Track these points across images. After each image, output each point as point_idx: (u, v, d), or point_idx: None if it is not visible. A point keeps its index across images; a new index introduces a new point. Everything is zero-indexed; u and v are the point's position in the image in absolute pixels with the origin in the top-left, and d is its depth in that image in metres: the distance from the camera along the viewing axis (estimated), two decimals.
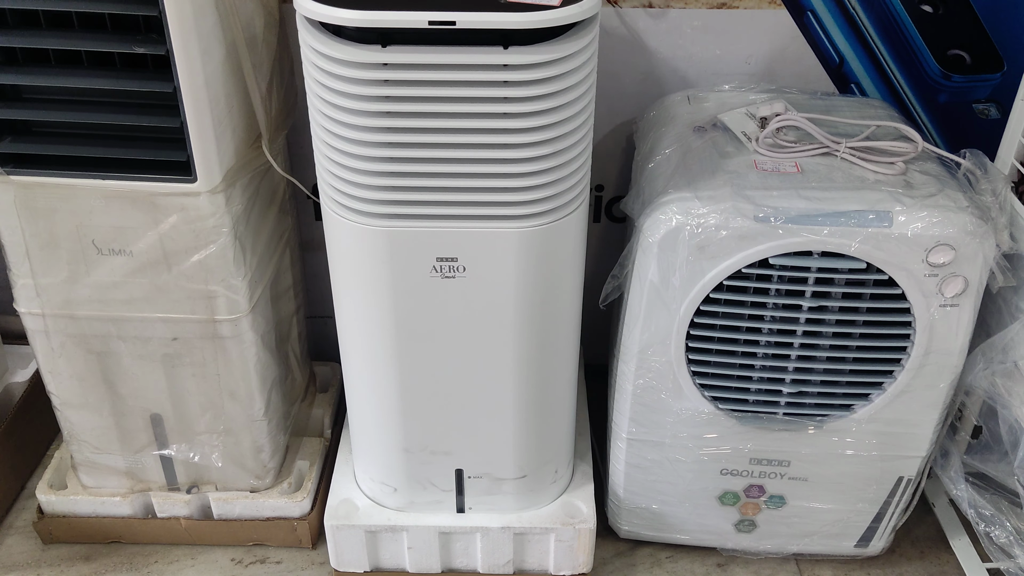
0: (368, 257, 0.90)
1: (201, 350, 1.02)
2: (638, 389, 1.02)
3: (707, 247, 0.90)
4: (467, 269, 0.89)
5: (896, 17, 1.10)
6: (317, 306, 1.32)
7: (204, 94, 0.86)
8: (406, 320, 0.93)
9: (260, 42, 0.96)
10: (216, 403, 1.06)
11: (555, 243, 0.90)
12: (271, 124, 0.99)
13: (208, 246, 0.94)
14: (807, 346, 0.95)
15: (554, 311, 0.96)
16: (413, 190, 0.84)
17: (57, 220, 0.92)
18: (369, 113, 0.80)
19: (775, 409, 1.00)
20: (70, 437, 1.09)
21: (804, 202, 0.89)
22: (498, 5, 0.77)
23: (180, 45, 0.82)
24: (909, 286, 0.90)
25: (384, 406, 1.01)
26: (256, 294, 1.02)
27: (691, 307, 0.94)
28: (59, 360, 1.02)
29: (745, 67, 1.15)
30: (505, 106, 0.80)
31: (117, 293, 0.97)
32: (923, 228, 0.87)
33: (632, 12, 1.12)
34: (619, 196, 1.28)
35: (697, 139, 1.01)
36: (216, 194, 0.92)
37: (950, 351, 0.94)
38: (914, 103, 1.15)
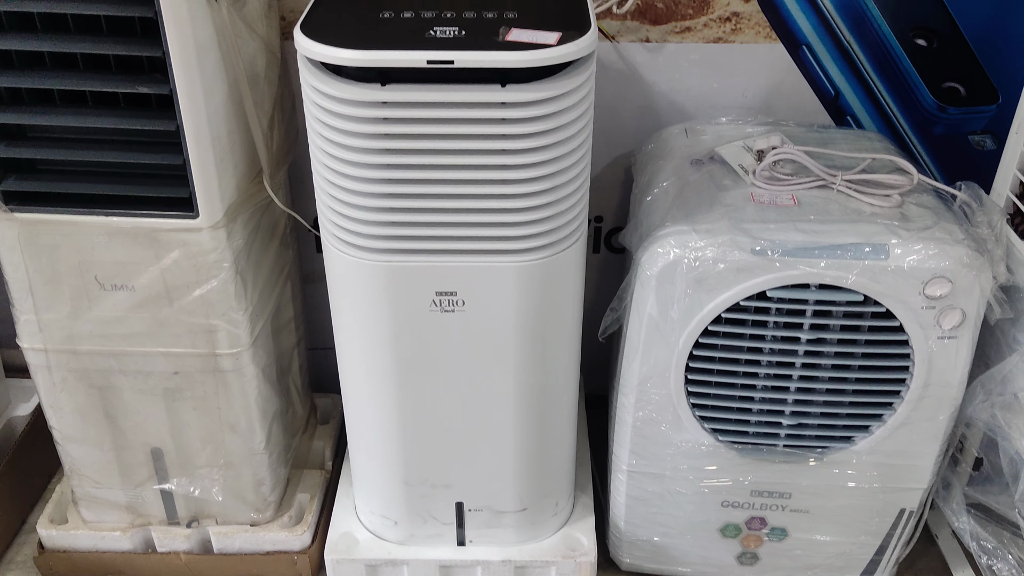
0: (368, 291, 0.90)
1: (202, 384, 1.02)
2: (638, 421, 1.02)
3: (705, 280, 0.91)
4: (466, 303, 0.90)
5: (891, 51, 1.11)
6: (318, 338, 1.33)
7: (206, 131, 0.87)
8: (406, 353, 0.94)
9: (262, 80, 0.98)
10: (217, 437, 1.06)
11: (554, 276, 0.91)
12: (272, 159, 1.00)
13: (209, 281, 0.95)
14: (806, 378, 0.95)
15: (554, 344, 0.97)
16: (413, 225, 0.85)
17: (60, 256, 0.93)
18: (369, 150, 0.81)
19: (775, 441, 1.00)
20: (71, 471, 1.09)
21: (801, 235, 0.90)
22: (496, 44, 0.78)
23: (183, 84, 0.84)
24: (907, 318, 0.90)
25: (384, 439, 1.01)
26: (257, 328, 1.03)
27: (690, 339, 0.94)
28: (61, 395, 1.02)
29: (742, 100, 1.16)
30: (503, 143, 0.81)
31: (119, 328, 0.97)
32: (919, 261, 0.88)
33: (629, 47, 1.14)
34: (618, 227, 1.28)
35: (694, 172, 1.02)
36: (218, 229, 0.93)
37: (949, 383, 0.94)
38: (910, 135, 1.16)
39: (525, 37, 0.79)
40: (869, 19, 1.09)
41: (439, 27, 0.81)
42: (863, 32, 1.10)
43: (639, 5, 1.11)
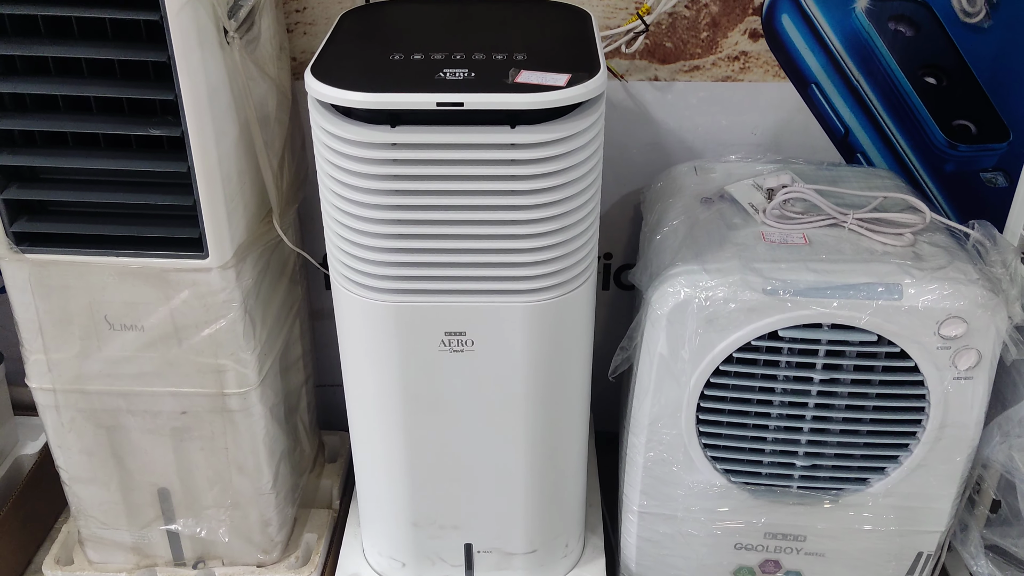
0: (377, 331, 0.90)
1: (210, 423, 1.02)
2: (649, 462, 1.01)
3: (716, 320, 0.90)
4: (475, 343, 0.89)
5: (900, 89, 1.11)
6: (327, 374, 1.32)
7: (217, 172, 0.88)
8: (415, 393, 0.93)
9: (273, 120, 0.98)
10: (224, 477, 1.05)
11: (563, 317, 0.91)
12: (282, 199, 1.01)
13: (218, 320, 0.95)
14: (820, 418, 0.94)
15: (563, 384, 0.96)
16: (422, 265, 0.85)
17: (70, 297, 0.93)
18: (379, 191, 0.81)
19: (789, 482, 0.99)
20: (77, 512, 1.08)
21: (813, 275, 0.89)
22: (505, 86, 0.79)
23: (195, 127, 0.84)
24: (922, 359, 0.89)
25: (393, 479, 1.01)
26: (265, 367, 1.02)
27: (701, 379, 0.93)
28: (69, 435, 1.02)
29: (751, 138, 1.16)
30: (512, 183, 0.81)
31: (128, 368, 0.97)
32: (934, 301, 0.87)
33: (638, 85, 1.14)
34: (628, 264, 1.28)
35: (704, 210, 1.02)
36: (227, 269, 0.93)
37: (966, 424, 0.93)
38: (921, 172, 1.16)
39: (534, 79, 0.79)
40: (878, 58, 1.10)
41: (449, 69, 0.81)
42: (872, 71, 1.11)
43: (648, 45, 1.11)
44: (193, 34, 0.81)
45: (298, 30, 1.11)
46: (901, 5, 1.07)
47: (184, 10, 0.79)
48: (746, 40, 1.11)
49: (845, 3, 1.07)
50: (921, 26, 1.08)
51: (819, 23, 1.09)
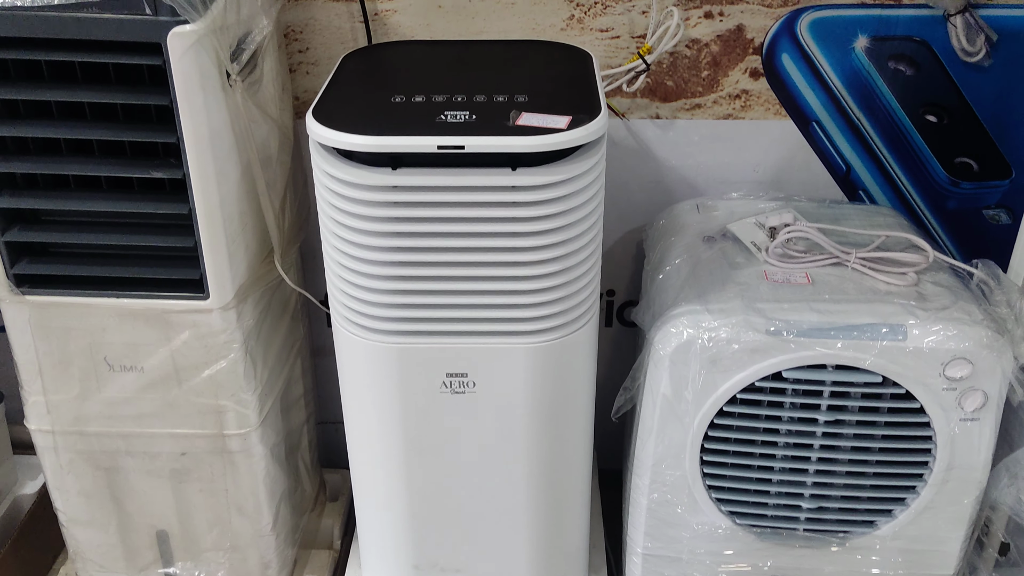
0: (379, 373, 0.89)
1: (209, 465, 1.01)
2: (653, 503, 0.99)
3: (719, 360, 0.89)
4: (477, 384, 0.89)
5: (901, 127, 1.11)
6: (328, 411, 1.31)
7: (218, 214, 0.88)
8: (416, 435, 0.92)
9: (275, 161, 0.99)
10: (223, 518, 1.04)
11: (566, 358, 0.90)
12: (284, 239, 1.01)
13: (219, 361, 0.95)
14: (825, 460, 0.93)
15: (566, 425, 0.95)
16: (424, 307, 0.85)
17: (71, 338, 0.93)
18: (380, 233, 0.81)
19: (795, 525, 0.97)
20: (75, 554, 1.07)
21: (816, 315, 0.89)
22: (506, 128, 0.79)
23: (197, 169, 0.84)
24: (927, 400, 0.88)
25: (394, 521, 0.99)
26: (266, 407, 1.02)
27: (705, 420, 0.93)
28: (67, 477, 1.01)
29: (753, 175, 1.16)
30: (514, 225, 0.81)
31: (127, 409, 0.97)
32: (938, 342, 0.86)
33: (640, 123, 1.14)
34: (630, 300, 1.28)
35: (707, 249, 1.01)
36: (228, 310, 0.92)
37: (973, 466, 0.91)
38: (924, 209, 1.16)
39: (535, 121, 0.80)
40: (878, 96, 1.10)
41: (450, 111, 0.81)
42: (873, 109, 1.11)
43: (649, 83, 1.12)
44: (196, 78, 0.81)
45: (300, 70, 1.12)
46: (901, 44, 1.07)
47: (187, 55, 0.79)
48: (747, 79, 1.11)
49: (845, 42, 1.08)
50: (921, 65, 1.08)
51: (819, 62, 1.09)
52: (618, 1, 1.07)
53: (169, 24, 0.78)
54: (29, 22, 0.78)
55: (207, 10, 0.81)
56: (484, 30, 1.09)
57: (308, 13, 1.09)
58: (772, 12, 1.07)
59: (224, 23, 0.84)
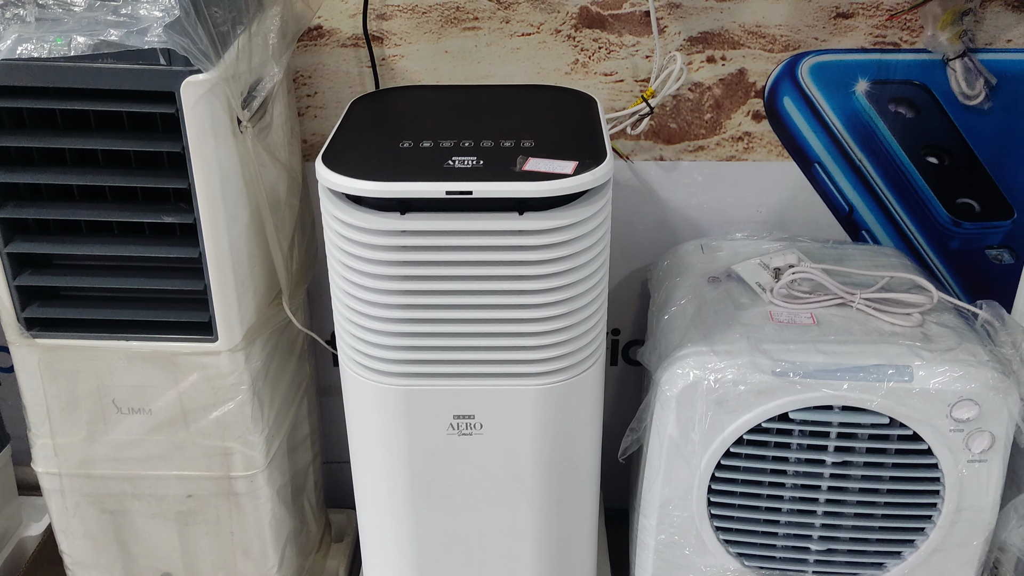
0: (386, 414, 0.89)
1: (215, 507, 1.01)
2: (660, 544, 0.99)
3: (725, 402, 0.90)
4: (484, 426, 0.89)
5: (902, 168, 1.12)
6: (334, 451, 1.31)
7: (228, 258, 0.89)
8: (423, 476, 0.92)
9: (283, 205, 1.00)
10: (228, 561, 1.04)
11: (572, 399, 0.90)
12: (292, 280, 1.01)
13: (227, 403, 0.95)
14: (833, 502, 0.93)
15: (573, 466, 0.95)
16: (431, 349, 0.85)
17: (79, 381, 0.93)
18: (388, 277, 0.82)
19: (804, 567, 0.97)
20: None
21: (822, 356, 0.89)
22: (513, 174, 0.80)
23: (207, 213, 0.85)
24: (935, 441, 0.88)
25: (400, 562, 0.99)
26: (273, 448, 1.02)
27: (712, 461, 0.92)
28: (73, 520, 1.01)
29: (757, 215, 1.17)
30: (520, 269, 0.82)
31: (134, 451, 0.97)
32: (945, 383, 0.86)
33: (643, 165, 1.16)
34: (636, 340, 1.28)
35: (712, 290, 1.02)
36: (236, 352, 0.93)
37: (982, 507, 0.91)
38: (927, 249, 1.17)
39: (542, 167, 0.81)
40: (879, 138, 1.11)
41: (457, 157, 0.82)
42: (874, 150, 1.12)
43: (653, 126, 1.13)
44: (208, 125, 0.82)
45: (309, 113, 1.14)
46: (901, 88, 1.09)
47: (200, 103, 0.81)
48: (749, 121, 1.12)
49: (845, 86, 1.09)
50: (921, 108, 1.10)
51: (820, 105, 1.11)
52: (622, 46, 1.09)
53: (183, 74, 0.79)
54: (46, 72, 0.79)
55: (220, 59, 0.82)
56: (489, 75, 1.11)
57: (317, 58, 1.11)
58: (773, 56, 1.09)
59: (236, 71, 0.85)
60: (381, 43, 1.10)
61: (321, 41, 1.10)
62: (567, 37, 1.09)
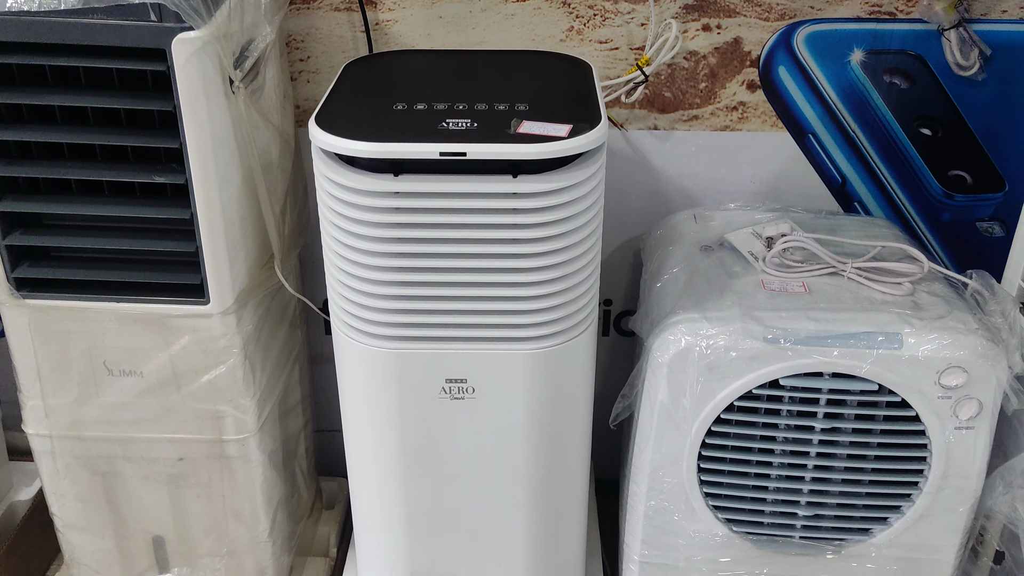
0: (378, 378, 0.90)
1: (207, 470, 1.01)
2: (650, 511, 1.00)
3: (717, 368, 0.90)
4: (476, 390, 0.89)
5: (896, 140, 1.13)
6: (325, 419, 1.31)
7: (220, 219, 0.88)
8: (414, 441, 0.92)
9: (276, 168, 0.99)
10: (220, 524, 1.04)
11: (565, 364, 0.90)
12: (284, 245, 1.01)
13: (218, 366, 0.95)
14: (821, 468, 0.93)
15: (564, 431, 0.95)
16: (423, 312, 0.85)
17: (70, 342, 0.93)
18: (381, 239, 0.82)
19: (791, 532, 0.98)
20: (71, 560, 1.07)
21: (813, 323, 0.89)
22: (508, 136, 0.79)
23: (199, 174, 0.85)
24: (923, 408, 0.89)
25: (391, 527, 0.99)
26: (264, 412, 1.02)
27: (702, 428, 0.93)
28: (64, 482, 1.01)
29: (750, 186, 1.17)
30: (514, 232, 0.82)
31: (125, 414, 0.97)
32: (934, 350, 0.87)
33: (638, 134, 1.15)
34: (627, 310, 1.28)
35: (704, 258, 1.02)
36: (228, 315, 0.93)
37: (968, 474, 0.92)
38: (918, 221, 1.17)
39: (536, 129, 0.80)
40: (873, 109, 1.11)
41: (452, 119, 0.82)
42: (868, 122, 1.12)
43: (647, 94, 1.13)
44: (199, 84, 0.82)
45: (301, 78, 1.13)
46: (895, 58, 1.09)
47: (191, 61, 0.80)
48: (744, 91, 1.12)
49: (840, 56, 1.09)
50: (916, 79, 1.10)
51: (815, 75, 1.10)
52: (617, 13, 1.09)
53: (174, 30, 0.79)
54: (35, 28, 0.78)
55: (211, 17, 0.81)
56: (483, 41, 1.11)
57: (310, 22, 1.10)
58: (769, 25, 1.09)
59: (228, 30, 0.84)
60: (375, 7, 1.09)
61: (314, 4, 1.09)
62: (562, 3, 1.08)
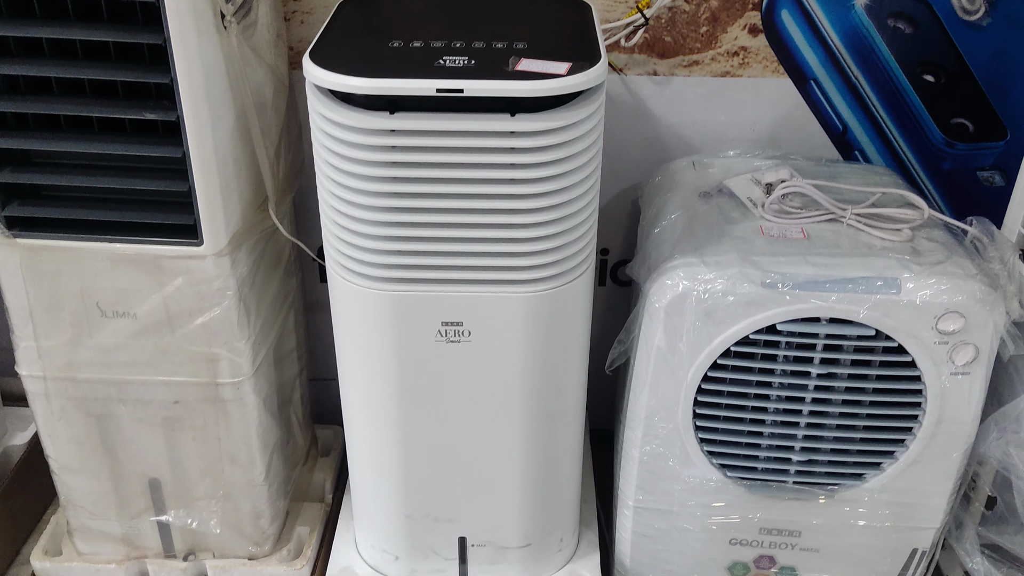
0: (373, 321, 0.89)
1: (202, 413, 1.01)
2: (645, 456, 1.00)
3: (714, 313, 0.90)
4: (472, 333, 0.89)
5: (898, 86, 1.11)
6: (320, 368, 1.31)
7: (213, 159, 0.87)
8: (410, 384, 0.92)
9: (269, 108, 0.98)
10: (216, 468, 1.04)
11: (561, 307, 0.90)
12: (278, 187, 1.00)
13: (212, 308, 0.94)
14: (816, 413, 0.94)
15: (560, 376, 0.95)
16: (419, 254, 0.84)
17: (62, 283, 0.92)
18: (376, 178, 0.81)
19: (785, 477, 0.98)
20: (67, 502, 1.07)
21: (811, 268, 0.89)
22: (506, 73, 0.78)
23: (191, 111, 0.83)
24: (919, 353, 0.89)
25: (386, 471, 1.00)
26: (259, 357, 1.01)
27: (698, 373, 0.93)
28: (58, 424, 1.00)
29: (750, 134, 1.16)
30: (512, 172, 0.80)
31: (119, 356, 0.96)
32: (932, 295, 0.87)
33: (637, 79, 1.14)
34: (624, 260, 1.28)
35: (703, 204, 1.01)
36: (222, 257, 0.92)
37: (962, 420, 0.92)
38: (918, 170, 1.16)
39: (535, 67, 0.79)
40: (877, 55, 1.10)
41: (448, 56, 0.80)
42: (871, 67, 1.11)
43: (647, 39, 1.11)
44: (190, 17, 0.80)
45: (295, 19, 1.10)
46: (900, 2, 1.07)
47: None
48: (745, 35, 1.10)
49: None
50: (920, 23, 1.08)
51: (818, 19, 1.08)
52: None
53: None
54: None
55: None
56: None
57: None
58: None
59: None
60: None
61: None
62: None
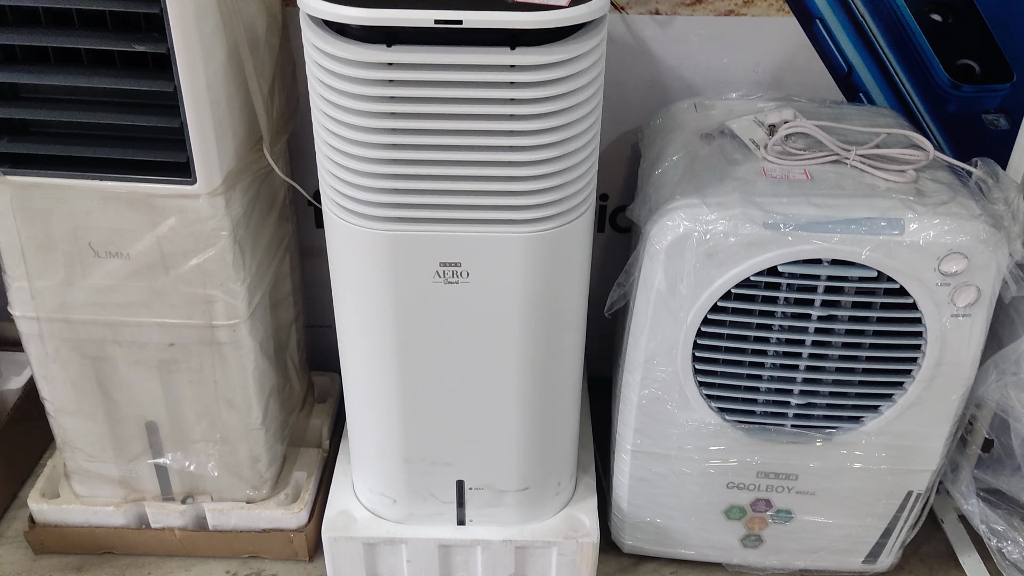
0: (370, 261, 0.88)
1: (198, 356, 1.00)
2: (643, 400, 1.00)
3: (715, 254, 0.89)
4: (471, 275, 0.88)
5: (905, 26, 1.09)
6: (316, 315, 1.30)
7: (205, 94, 0.85)
8: (408, 326, 0.91)
9: (263, 44, 0.95)
10: (212, 411, 1.04)
11: (561, 249, 0.89)
12: (272, 127, 0.98)
13: (207, 249, 0.93)
14: (816, 356, 0.93)
15: (559, 318, 0.95)
16: (417, 193, 0.83)
17: (54, 221, 0.90)
18: (373, 114, 0.79)
19: (783, 421, 0.99)
20: (63, 444, 1.07)
21: (814, 209, 0.88)
22: (505, 5, 0.76)
23: (181, 44, 0.81)
24: (920, 295, 0.88)
25: (384, 414, 0.99)
26: (255, 300, 1.00)
27: (698, 315, 0.92)
28: (53, 365, 1.00)
29: (753, 75, 1.14)
30: (511, 107, 0.79)
31: (113, 297, 0.95)
32: (935, 236, 0.86)
33: (638, 19, 1.11)
34: (624, 205, 1.26)
35: (704, 146, 1.00)
36: (216, 196, 0.90)
37: (962, 362, 0.92)
38: (923, 112, 1.14)
39: None
40: None
41: None
42: (878, 6, 1.08)
43: None
44: None
45: None
46: None
47: None
48: None
49: None
50: None
51: None
52: None
53: None
54: None
55: None
56: None
57: None
58: None
59: None
60: None
61: None
62: None
